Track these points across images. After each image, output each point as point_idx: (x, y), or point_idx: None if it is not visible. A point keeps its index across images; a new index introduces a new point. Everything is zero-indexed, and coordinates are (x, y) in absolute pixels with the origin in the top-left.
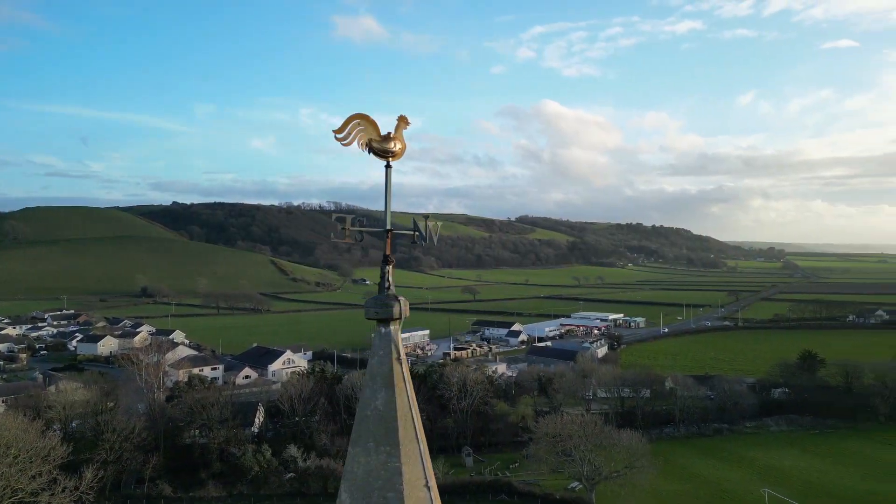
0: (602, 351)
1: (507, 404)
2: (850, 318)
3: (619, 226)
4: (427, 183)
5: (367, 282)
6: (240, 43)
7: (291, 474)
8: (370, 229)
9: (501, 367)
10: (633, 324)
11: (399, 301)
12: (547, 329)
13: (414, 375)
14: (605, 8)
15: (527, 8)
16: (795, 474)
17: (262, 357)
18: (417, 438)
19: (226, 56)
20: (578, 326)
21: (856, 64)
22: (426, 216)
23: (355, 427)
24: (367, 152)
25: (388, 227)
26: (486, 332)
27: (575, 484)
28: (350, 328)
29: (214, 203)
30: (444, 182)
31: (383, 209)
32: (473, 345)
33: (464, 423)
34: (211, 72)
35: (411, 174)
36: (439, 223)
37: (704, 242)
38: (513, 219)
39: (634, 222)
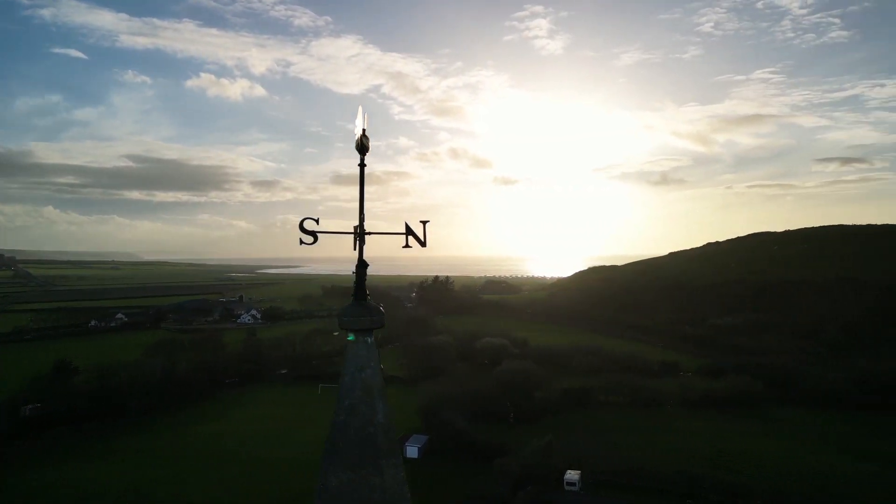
0: None
1: None
2: (93, 322)
3: None
4: None
5: None
6: None
7: None
8: (343, 231)
9: None
10: None
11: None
12: None
13: None
14: None
15: None
16: (75, 485)
17: None
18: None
19: None
20: None
21: (86, 76)
22: (424, 222)
23: (351, 449)
24: (356, 146)
25: (362, 229)
26: None
27: None
28: None
29: None
30: None
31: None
32: None
33: None
34: None
35: None
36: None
37: None
38: None
39: None
